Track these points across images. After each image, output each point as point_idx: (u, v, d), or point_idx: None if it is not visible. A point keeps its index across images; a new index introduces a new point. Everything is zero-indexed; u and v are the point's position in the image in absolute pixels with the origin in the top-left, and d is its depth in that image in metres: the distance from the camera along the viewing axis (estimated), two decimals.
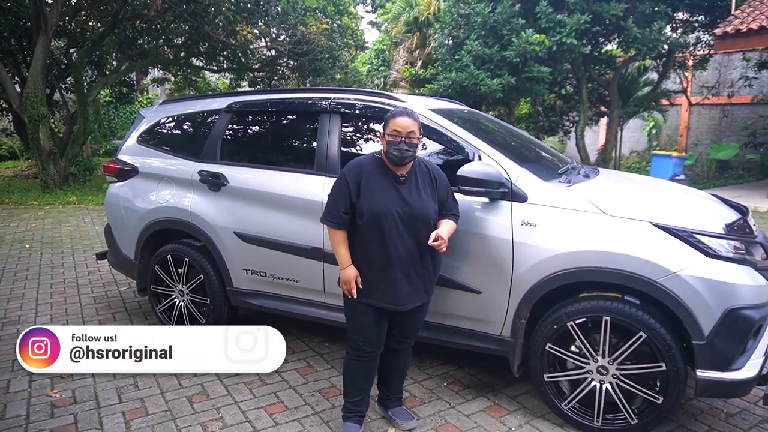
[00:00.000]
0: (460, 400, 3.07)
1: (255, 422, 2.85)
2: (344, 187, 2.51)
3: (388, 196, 2.48)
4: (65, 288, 5.06)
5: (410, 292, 2.53)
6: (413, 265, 2.51)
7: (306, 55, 12.59)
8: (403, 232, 2.46)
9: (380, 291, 2.51)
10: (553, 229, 2.67)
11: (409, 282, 2.52)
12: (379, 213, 2.45)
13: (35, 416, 2.90)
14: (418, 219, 2.49)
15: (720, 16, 11.42)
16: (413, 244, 2.49)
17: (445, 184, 2.64)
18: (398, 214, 2.46)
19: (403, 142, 2.44)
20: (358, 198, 2.48)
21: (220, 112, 3.74)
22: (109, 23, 11.46)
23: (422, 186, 2.56)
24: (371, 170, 2.52)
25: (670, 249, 2.49)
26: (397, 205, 2.47)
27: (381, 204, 2.46)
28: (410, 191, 2.52)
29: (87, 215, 8.75)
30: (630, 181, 3.62)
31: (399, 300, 2.52)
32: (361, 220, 2.48)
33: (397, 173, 2.52)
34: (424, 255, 2.53)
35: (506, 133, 3.64)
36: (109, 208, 4.18)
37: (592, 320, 2.61)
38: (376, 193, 2.48)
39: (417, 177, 2.56)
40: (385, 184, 2.50)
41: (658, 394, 2.54)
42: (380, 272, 2.49)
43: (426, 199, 2.54)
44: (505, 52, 9.87)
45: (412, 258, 2.50)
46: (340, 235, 2.54)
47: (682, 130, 15.75)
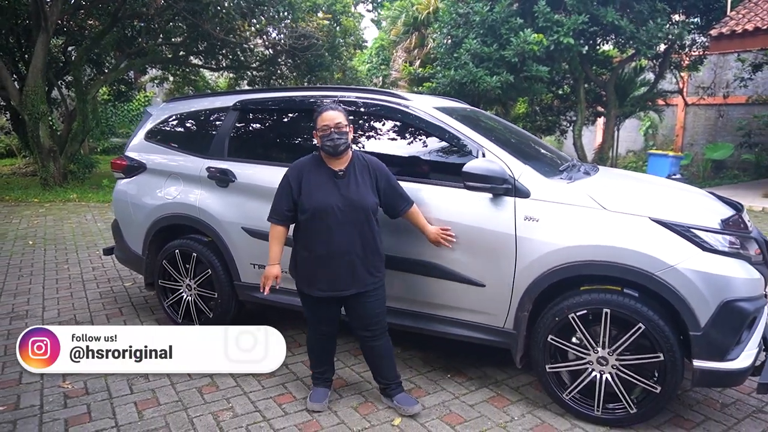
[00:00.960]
0: (463, 391, 3.15)
1: (264, 412, 2.92)
2: (287, 187, 2.75)
3: (328, 191, 2.70)
4: (71, 284, 5.11)
5: (351, 280, 2.74)
6: (355, 254, 2.71)
7: (307, 50, 12.63)
8: (343, 224, 2.67)
9: (323, 281, 2.74)
10: (555, 224, 2.76)
11: (350, 270, 2.72)
12: (319, 208, 2.67)
13: (49, 406, 2.97)
14: (357, 210, 2.70)
15: (715, 17, 11.54)
16: (353, 234, 2.70)
17: (386, 177, 2.83)
18: (338, 207, 2.67)
19: (333, 133, 2.67)
20: (300, 195, 2.71)
21: (227, 110, 3.81)
22: (108, 21, 11.49)
23: (361, 179, 2.76)
24: (311, 168, 2.76)
25: (668, 243, 2.58)
26: (336, 199, 2.68)
27: (321, 199, 2.68)
28: (348, 184, 2.73)
29: (88, 212, 8.80)
30: (628, 179, 3.71)
31: (339, 286, 2.74)
32: (303, 216, 2.71)
33: (336, 168, 2.74)
34: (363, 245, 2.73)
35: (508, 130, 3.73)
36: (116, 204, 4.24)
37: (593, 312, 2.69)
38: (315, 189, 2.70)
39: (356, 171, 2.77)
40: (324, 179, 2.72)
41: (656, 384, 2.63)
42: (322, 262, 2.71)
43: (364, 191, 2.74)
44: (504, 51, 9.97)
45: (353, 248, 2.70)
46: (278, 232, 2.79)
47: (678, 129, 15.89)
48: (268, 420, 2.84)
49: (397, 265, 3.08)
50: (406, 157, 3.26)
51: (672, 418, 2.88)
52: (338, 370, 3.40)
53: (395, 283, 3.13)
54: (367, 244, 2.75)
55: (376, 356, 2.93)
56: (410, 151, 3.27)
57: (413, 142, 3.28)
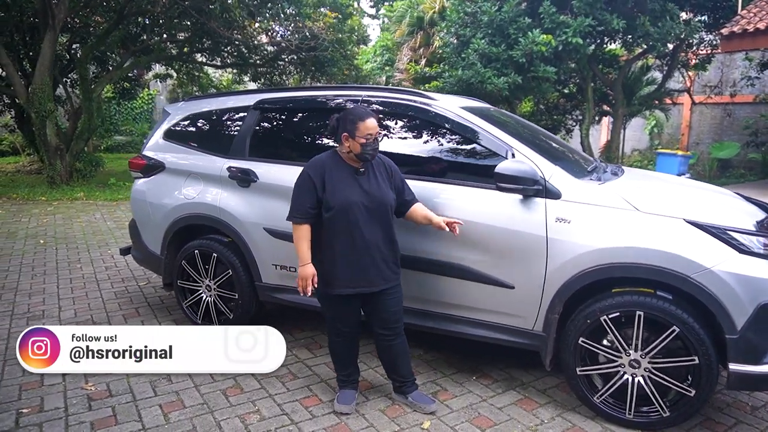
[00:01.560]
0: (490, 393, 3.13)
1: (292, 415, 2.89)
2: (309, 183, 2.70)
3: (351, 188, 2.70)
4: (85, 283, 5.08)
5: (377, 275, 2.75)
6: (378, 249, 2.73)
7: (313, 50, 12.59)
8: (367, 221, 2.68)
9: (348, 279, 2.72)
10: (588, 226, 2.73)
11: (374, 266, 2.73)
12: (345, 205, 2.66)
13: (73, 409, 2.94)
14: (379, 207, 2.72)
15: (723, 16, 11.50)
16: (376, 230, 2.71)
17: (399, 174, 2.89)
18: (362, 204, 2.68)
19: (375, 141, 2.69)
20: (324, 193, 2.69)
21: (248, 109, 3.77)
22: (114, 19, 11.45)
23: (379, 176, 2.79)
24: (332, 165, 2.75)
25: (703, 245, 2.55)
26: (359, 196, 2.69)
27: (346, 196, 2.68)
28: (369, 182, 2.75)
29: (97, 211, 8.77)
30: (656, 180, 3.68)
31: (367, 283, 2.74)
32: (328, 213, 2.69)
33: (356, 166, 2.75)
34: (385, 240, 2.76)
35: (532, 130, 3.70)
36: (134, 203, 4.21)
37: (626, 315, 2.66)
38: (340, 186, 2.69)
39: (373, 168, 2.79)
40: (345, 176, 2.73)
41: (690, 387, 2.60)
42: (348, 260, 2.70)
43: (384, 187, 2.77)
44: (512, 51, 9.92)
45: (376, 243, 2.72)
46: (304, 231, 2.72)
47: (684, 128, 15.85)
48: (296, 423, 2.82)
49: (426, 267, 3.06)
50: (433, 157, 3.22)
51: (703, 421, 2.85)
52: (362, 372, 3.37)
53: (424, 285, 3.11)
54: (388, 240, 2.78)
55: (394, 354, 2.92)
56: (436, 152, 3.24)
57: (439, 142, 3.25)
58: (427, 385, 3.20)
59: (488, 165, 3.01)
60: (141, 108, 21.76)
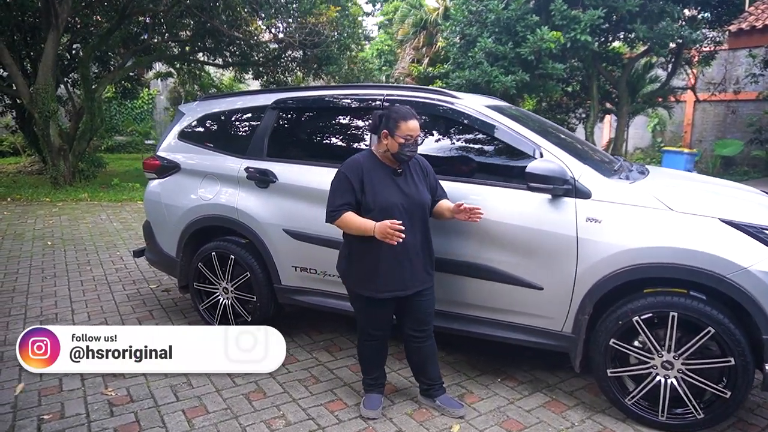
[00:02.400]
0: (517, 396, 3.08)
1: (318, 420, 2.85)
2: (346, 184, 2.64)
3: (391, 189, 2.66)
4: (96, 285, 5.03)
5: (414, 277, 2.71)
6: (416, 251, 2.69)
7: (316, 46, 12.52)
8: (406, 222, 2.59)
9: (386, 282, 2.66)
10: (620, 226, 2.69)
11: (412, 267, 2.69)
12: (387, 206, 2.61)
13: (95, 415, 2.89)
14: (417, 208, 2.68)
15: (727, 12, 11.47)
16: (415, 232, 2.67)
17: (433, 174, 2.86)
18: (402, 205, 2.64)
19: (415, 143, 2.64)
20: (363, 194, 2.63)
21: (265, 109, 3.72)
22: (116, 18, 11.37)
23: (416, 177, 2.75)
24: (370, 166, 2.68)
25: (739, 245, 2.51)
26: (399, 198, 2.65)
27: (387, 197, 2.63)
28: (407, 182, 2.71)
29: (102, 212, 8.70)
30: (686, 179, 3.64)
31: (405, 285, 2.69)
32: (368, 215, 2.62)
33: (394, 166, 2.70)
34: (422, 241, 2.73)
35: (557, 130, 3.65)
36: (148, 204, 4.16)
37: (659, 316, 2.62)
38: (380, 187, 2.64)
39: (410, 168, 2.75)
40: (384, 177, 2.67)
41: (725, 389, 2.56)
42: (389, 262, 2.64)
43: (421, 188, 2.74)
44: (519, 48, 9.87)
45: (414, 245, 2.68)
46: (349, 216, 2.62)
47: (687, 126, 15.83)
48: (323, 428, 2.77)
49: (453, 269, 3.01)
50: (459, 157, 3.18)
51: (735, 422, 2.81)
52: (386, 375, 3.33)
53: (451, 287, 3.06)
54: (426, 241, 2.75)
55: (424, 356, 2.88)
56: (463, 151, 3.20)
57: (466, 141, 3.21)
58: (452, 387, 3.16)
59: (515, 164, 2.98)
60: (141, 108, 21.66)
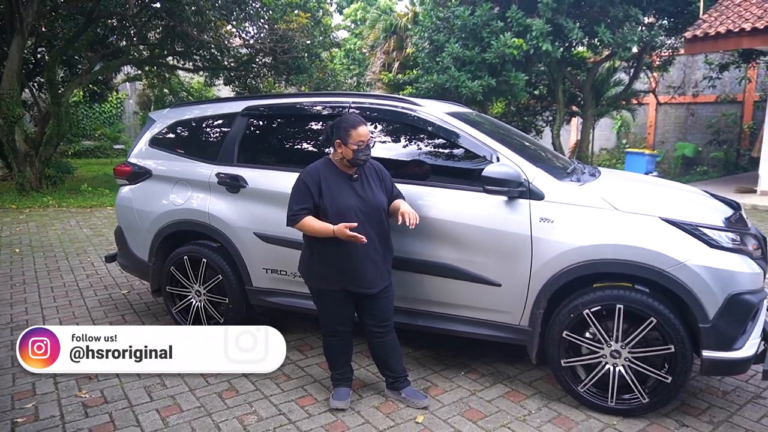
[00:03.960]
0: (479, 387, 3.25)
1: (289, 414, 2.97)
2: (305, 190, 2.79)
3: (347, 193, 2.81)
4: (67, 291, 5.04)
5: (376, 276, 2.86)
6: (375, 251, 2.84)
7: (286, 53, 12.59)
8: (363, 224, 2.75)
9: (348, 279, 2.83)
10: (570, 225, 2.88)
11: (374, 266, 2.85)
12: (342, 210, 2.76)
13: (69, 416, 2.95)
14: (373, 210, 2.83)
15: (684, 20, 11.97)
16: (372, 233, 2.80)
17: (389, 178, 3.01)
18: (358, 209, 2.79)
19: (367, 147, 2.81)
20: (321, 199, 2.78)
21: (235, 116, 3.82)
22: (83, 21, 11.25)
23: (372, 181, 2.90)
24: (327, 172, 2.84)
25: (677, 241, 2.73)
26: (355, 201, 2.80)
27: (343, 201, 2.78)
28: (363, 186, 2.86)
29: (71, 218, 8.63)
30: (632, 180, 3.87)
31: (368, 284, 2.85)
32: (327, 219, 2.76)
33: (350, 172, 2.85)
34: (381, 242, 2.88)
35: (513, 134, 3.84)
36: (120, 210, 4.21)
37: (607, 308, 2.82)
38: (336, 192, 2.80)
39: (366, 174, 2.90)
40: (340, 182, 2.83)
41: (667, 374, 2.77)
42: (348, 262, 2.79)
43: (378, 192, 2.89)
44: (485, 54, 10.14)
45: (372, 245, 2.81)
46: (308, 220, 2.77)
47: (650, 128, 16.40)
48: (294, 422, 2.89)
49: (417, 268, 3.16)
50: (420, 161, 3.33)
51: (679, 406, 3.03)
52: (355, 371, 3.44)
53: (415, 286, 3.21)
54: (384, 242, 2.90)
55: (387, 351, 3.03)
56: (424, 156, 3.36)
57: (427, 146, 3.37)
58: (418, 381, 3.31)
59: (473, 168, 3.15)
60: (110, 112, 21.35)
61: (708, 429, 2.82)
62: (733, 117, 14.45)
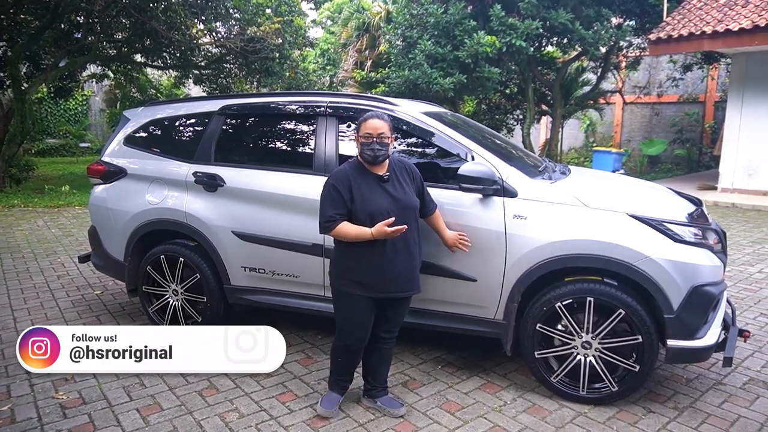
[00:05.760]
0: (456, 380, 3.34)
1: (270, 410, 3.00)
2: (336, 195, 2.68)
3: (379, 195, 2.70)
4: (38, 293, 4.95)
5: (407, 280, 2.79)
6: (407, 254, 2.76)
7: (257, 53, 12.51)
8: (397, 225, 2.63)
9: (379, 284, 2.72)
10: (543, 221, 2.99)
11: (405, 271, 2.77)
12: (375, 213, 2.65)
13: (47, 418, 2.92)
14: (406, 212, 2.73)
15: (649, 21, 12.33)
16: (405, 235, 2.69)
17: (420, 178, 2.92)
18: (391, 211, 2.67)
19: (375, 143, 2.67)
20: (353, 203, 2.67)
21: (212, 115, 3.82)
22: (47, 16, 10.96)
23: (403, 181, 2.81)
24: (357, 175, 2.72)
25: (643, 236, 2.86)
26: (387, 203, 2.70)
27: (375, 204, 2.67)
28: (395, 187, 2.76)
29: (38, 218, 8.42)
30: (601, 178, 4.01)
31: (398, 287, 2.78)
32: (360, 222, 2.66)
33: (379, 173, 2.75)
34: (413, 244, 2.79)
35: (487, 133, 3.94)
36: (94, 210, 4.16)
37: (578, 301, 2.94)
38: (367, 195, 2.69)
39: (396, 173, 2.81)
40: (372, 184, 2.72)
41: (635, 363, 2.90)
42: (382, 266, 2.70)
43: (409, 192, 2.80)
44: (458, 52, 10.27)
45: (406, 248, 2.75)
46: (345, 225, 2.67)
47: (616, 127, 16.83)
48: (275, 418, 2.92)
49: None
50: None
51: (646, 393, 3.17)
52: None
53: None
54: (416, 244, 2.81)
55: (384, 358, 2.98)
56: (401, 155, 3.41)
57: (404, 146, 3.43)
58: (396, 376, 3.38)
59: (449, 167, 3.23)
60: (75, 109, 20.82)
61: (673, 415, 2.96)
62: (696, 116, 14.96)
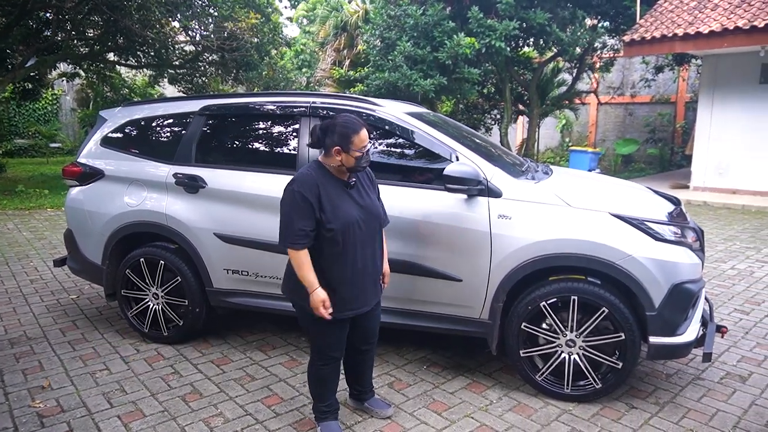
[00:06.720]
0: (442, 380, 3.35)
1: (256, 415, 2.96)
2: (304, 204, 2.40)
3: (348, 204, 2.49)
4: (10, 298, 4.80)
5: (373, 292, 2.66)
6: (373, 266, 2.61)
7: (235, 51, 12.36)
8: (364, 237, 2.52)
9: (352, 300, 2.54)
10: (527, 221, 3.01)
11: (372, 282, 2.63)
12: (347, 222, 2.45)
13: (24, 428, 2.84)
14: (372, 220, 2.57)
15: (623, 22, 12.56)
16: (370, 246, 2.57)
17: (376, 183, 2.76)
18: (361, 219, 2.50)
19: (368, 153, 2.52)
20: (322, 212, 2.42)
21: (192, 115, 3.76)
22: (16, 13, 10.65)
23: (367, 187, 2.64)
24: (324, 181, 2.47)
25: (625, 235, 2.90)
26: (357, 212, 2.50)
27: (346, 213, 2.46)
28: (360, 194, 2.57)
29: (8, 221, 8.18)
30: (583, 178, 4.06)
31: (366, 301, 2.61)
32: (329, 234, 2.44)
33: (345, 178, 2.54)
34: (377, 255, 2.65)
35: (472, 135, 3.96)
36: (70, 212, 4.05)
37: (562, 300, 2.97)
38: (338, 203, 2.47)
39: (360, 179, 2.62)
40: (339, 192, 2.50)
41: (618, 360, 2.95)
42: (351, 280, 2.52)
43: (374, 198, 2.65)
44: (437, 53, 10.30)
45: (372, 258, 2.60)
46: (304, 257, 2.42)
47: (591, 127, 17.10)
48: (261, 422, 2.89)
49: None
50: (381, 161, 3.38)
51: (628, 390, 3.22)
52: None
53: None
54: (380, 254, 2.68)
55: (366, 366, 2.91)
56: (385, 156, 3.41)
57: (388, 146, 3.42)
58: (382, 377, 3.37)
59: (434, 167, 3.23)
60: (45, 109, 20.29)
61: (655, 410, 3.01)
62: (668, 116, 15.29)
